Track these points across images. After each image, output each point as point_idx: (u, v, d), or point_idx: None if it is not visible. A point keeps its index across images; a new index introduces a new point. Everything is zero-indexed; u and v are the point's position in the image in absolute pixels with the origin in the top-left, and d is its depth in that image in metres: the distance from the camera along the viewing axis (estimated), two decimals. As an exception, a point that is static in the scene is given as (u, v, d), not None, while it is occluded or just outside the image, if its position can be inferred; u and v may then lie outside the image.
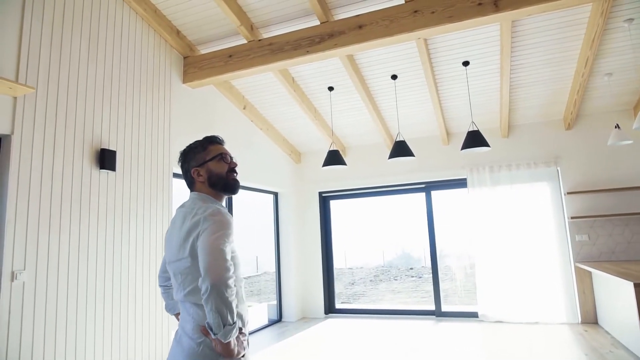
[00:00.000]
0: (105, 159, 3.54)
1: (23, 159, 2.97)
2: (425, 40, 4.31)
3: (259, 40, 4.30)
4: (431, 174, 6.26)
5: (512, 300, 5.61)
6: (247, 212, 6.84)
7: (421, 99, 5.41)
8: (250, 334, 5.73)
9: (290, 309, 6.61)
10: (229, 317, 1.32)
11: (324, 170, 6.84)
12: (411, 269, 13.56)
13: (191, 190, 1.69)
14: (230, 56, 4.40)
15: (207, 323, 1.34)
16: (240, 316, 1.49)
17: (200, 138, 1.79)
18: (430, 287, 6.27)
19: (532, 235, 5.64)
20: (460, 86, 5.06)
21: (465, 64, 4.67)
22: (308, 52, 4.09)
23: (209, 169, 1.66)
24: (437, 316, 6.16)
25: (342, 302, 9.70)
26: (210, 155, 1.68)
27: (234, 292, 1.35)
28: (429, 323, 5.86)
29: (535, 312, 5.52)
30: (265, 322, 6.47)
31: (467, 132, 4.69)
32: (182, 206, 1.65)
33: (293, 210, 6.90)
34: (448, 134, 6.17)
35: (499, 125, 5.90)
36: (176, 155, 4.41)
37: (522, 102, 5.42)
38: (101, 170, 3.54)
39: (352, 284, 12.02)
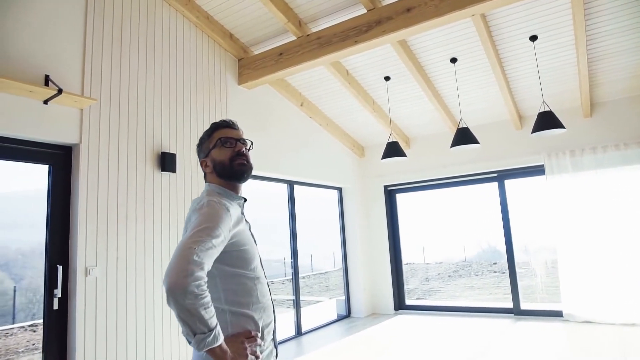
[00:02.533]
0: (166, 162, 3.75)
1: (91, 165, 3.23)
2: (484, 16, 3.99)
3: (307, 35, 4.29)
4: (503, 161, 5.81)
5: (604, 298, 5.01)
6: (321, 208, 6.87)
7: (486, 82, 5.03)
8: (318, 328, 5.80)
9: (359, 305, 6.54)
10: (198, 325, 1.15)
11: (388, 163, 6.65)
12: (494, 263, 12.80)
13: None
14: (280, 54, 4.44)
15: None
16: (252, 319, 1.37)
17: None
18: (520, 283, 5.82)
19: (625, 226, 4.98)
20: (529, 64, 4.62)
21: (533, 38, 4.25)
22: (356, 42, 3.99)
23: (213, 158, 1.50)
24: (515, 314, 5.72)
25: (417, 298, 9.42)
26: (213, 142, 1.51)
27: (202, 296, 1.15)
28: (506, 322, 5.45)
29: (632, 312, 4.88)
30: (334, 317, 6.48)
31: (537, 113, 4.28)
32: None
33: (358, 205, 6.82)
34: (520, 117, 5.68)
35: (580, 104, 5.30)
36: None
37: (605, 76, 4.81)
38: (162, 172, 3.75)
39: (427, 279, 11.62)
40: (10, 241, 3.21)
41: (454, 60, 4.67)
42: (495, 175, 6.01)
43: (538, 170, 5.66)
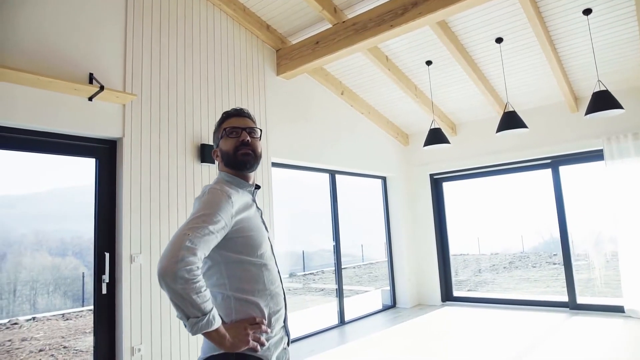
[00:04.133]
0: (205, 153, 3.86)
1: (134, 157, 3.39)
2: (529, -9, 3.72)
3: (343, 22, 4.22)
4: (558, 147, 5.44)
5: (672, 293, 4.60)
6: (370, 197, 6.81)
7: (536, 62, 4.72)
8: (361, 318, 5.78)
9: (404, 295, 6.45)
10: (191, 309, 1.17)
11: (434, 151, 6.46)
12: (554, 254, 12.13)
13: None
14: (317, 43, 4.41)
15: None
16: (257, 306, 1.36)
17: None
18: (579, 276, 5.49)
19: (698, 214, 4.52)
20: (583, 40, 4.27)
21: (587, 12, 3.92)
22: (392, 27, 3.87)
23: (220, 148, 1.51)
24: (571, 309, 5.38)
25: (468, 290, 9.14)
26: (220, 132, 1.51)
27: (193, 281, 1.17)
28: (560, 316, 5.15)
29: None
30: (379, 307, 6.43)
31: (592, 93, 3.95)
32: None
33: (403, 194, 6.68)
34: (576, 98, 5.28)
35: (645, 82, 4.84)
36: (273, 146, 4.61)
37: (674, 50, 4.35)
38: (202, 163, 3.87)
39: (480, 271, 11.24)
40: (82, 231, 3.45)
41: (499, 40, 4.42)
42: (549, 161, 5.65)
43: (596, 155, 5.25)
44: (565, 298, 5.51)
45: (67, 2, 3.13)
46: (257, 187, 1.60)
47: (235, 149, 1.47)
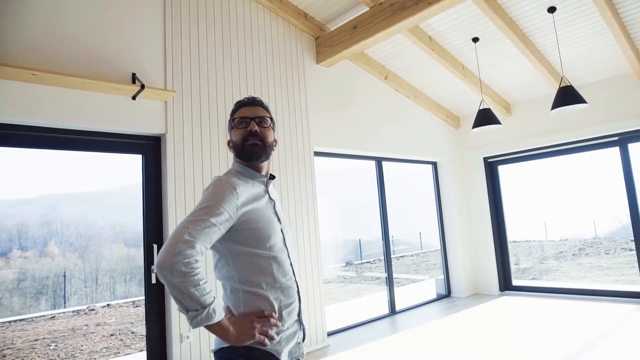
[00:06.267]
0: (246, 146, 3.91)
1: (177, 152, 3.52)
2: (584, -47, 3.39)
3: (380, 3, 4.08)
4: (626, 122, 4.95)
5: None
6: (424, 184, 6.64)
7: (595, 30, 4.30)
8: (413, 307, 5.65)
9: (459, 284, 6.23)
10: (190, 302, 1.17)
11: (487, 133, 6.14)
12: (632, 240, 11.17)
13: None
14: (354, 27, 4.31)
15: None
16: (266, 299, 1.35)
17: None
18: None
19: None
20: (652, 1, 3.83)
21: (654, -31, 3.50)
22: (430, 4, 3.69)
23: (232, 139, 1.49)
24: (645, 299, 4.93)
25: (532, 279, 8.65)
26: (231, 123, 1.50)
27: (190, 274, 1.15)
28: (631, 307, 4.73)
29: None
30: (433, 296, 6.26)
31: (662, 60, 3.54)
32: None
33: (455, 179, 6.42)
34: (646, 67, 4.77)
35: None
36: (316, 135, 4.59)
37: None
38: (243, 155, 3.92)
39: (545, 258, 10.59)
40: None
41: (552, 9, 4.07)
42: (616, 139, 5.17)
43: (673, 129, 4.73)
44: (639, 288, 5.05)
45: (110, 8, 3.28)
46: (272, 177, 1.58)
47: (243, 139, 1.45)
